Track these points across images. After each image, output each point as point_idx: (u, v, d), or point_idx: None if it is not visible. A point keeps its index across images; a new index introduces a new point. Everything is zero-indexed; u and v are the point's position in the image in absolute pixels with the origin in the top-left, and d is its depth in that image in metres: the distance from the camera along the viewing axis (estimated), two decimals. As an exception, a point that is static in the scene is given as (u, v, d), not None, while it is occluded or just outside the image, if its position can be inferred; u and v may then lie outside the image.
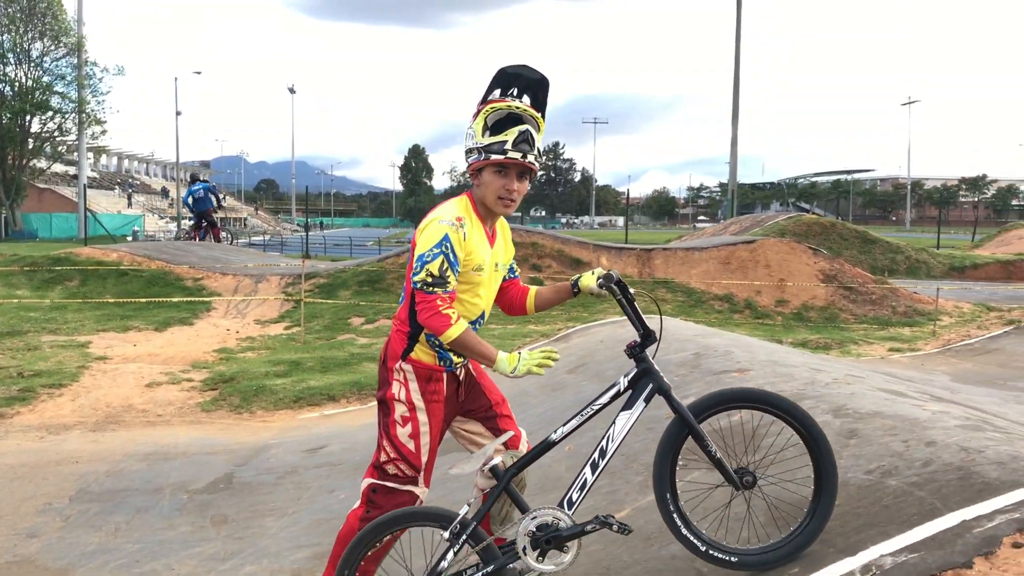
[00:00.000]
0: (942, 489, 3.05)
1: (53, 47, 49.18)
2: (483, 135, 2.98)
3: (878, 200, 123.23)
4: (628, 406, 2.93)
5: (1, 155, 46.65)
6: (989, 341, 8.50)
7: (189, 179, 24.07)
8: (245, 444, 6.76)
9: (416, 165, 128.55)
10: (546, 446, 2.95)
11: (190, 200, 20.49)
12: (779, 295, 13.37)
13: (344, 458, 6.03)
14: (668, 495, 2.93)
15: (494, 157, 2.94)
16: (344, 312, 13.02)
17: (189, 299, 13.58)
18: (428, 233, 2.95)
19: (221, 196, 23.38)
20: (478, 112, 3.00)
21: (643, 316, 3.02)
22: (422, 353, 3.05)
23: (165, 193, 78.37)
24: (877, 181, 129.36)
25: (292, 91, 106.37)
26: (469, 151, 3.04)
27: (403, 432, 3.05)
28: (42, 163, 53.19)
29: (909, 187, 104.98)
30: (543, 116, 3.02)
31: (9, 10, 47.10)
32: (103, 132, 51.99)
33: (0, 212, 48.16)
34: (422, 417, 3.02)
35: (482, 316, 3.18)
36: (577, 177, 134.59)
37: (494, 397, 3.27)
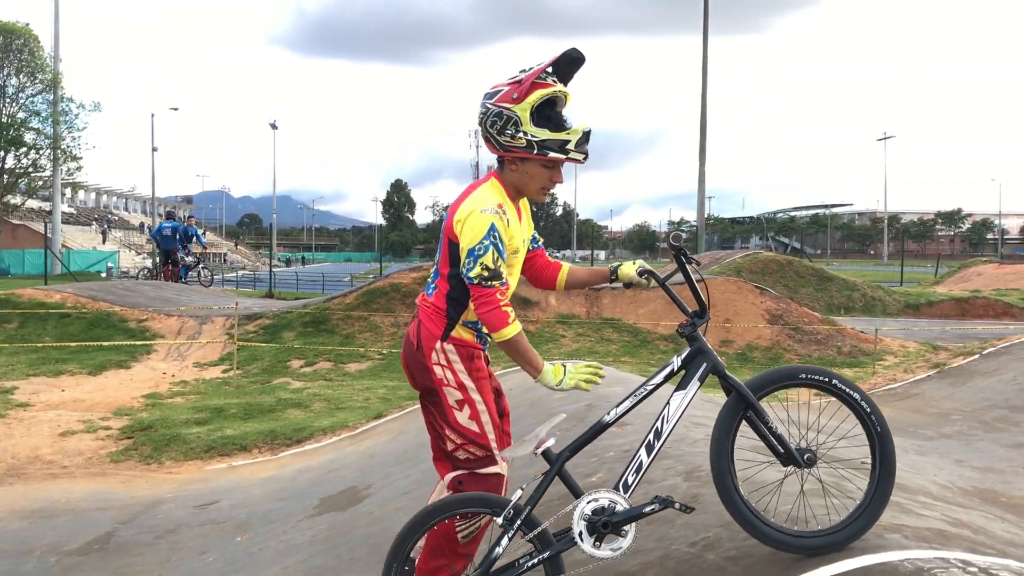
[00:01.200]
0: (754, 566, 2.95)
1: (29, 83, 49.18)
2: (531, 123, 2.86)
3: (856, 234, 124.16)
4: (682, 386, 2.87)
5: (-27, 192, 46.36)
6: (911, 386, 8.45)
7: (165, 215, 24.07)
8: (139, 499, 6.58)
9: (398, 200, 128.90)
10: (600, 427, 2.88)
11: (158, 237, 20.79)
12: (724, 335, 13.32)
13: (229, 515, 5.87)
14: (728, 475, 2.82)
15: (553, 155, 2.88)
16: (285, 354, 12.87)
17: (130, 342, 13.39)
18: (472, 224, 2.83)
19: (201, 233, 23.29)
20: (523, 94, 2.85)
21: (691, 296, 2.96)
22: (462, 331, 2.97)
23: (143, 228, 78.03)
24: (855, 215, 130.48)
25: (274, 127, 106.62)
26: (512, 136, 2.88)
27: (463, 416, 2.96)
28: (16, 199, 52.93)
29: (886, 221, 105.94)
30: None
31: (-15, 47, 47.06)
32: (79, 168, 51.75)
33: (-28, 249, 47.82)
34: (476, 396, 2.94)
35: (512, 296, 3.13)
36: (559, 211, 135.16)
37: (505, 406, 3.19)
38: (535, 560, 2.74)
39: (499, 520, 2.71)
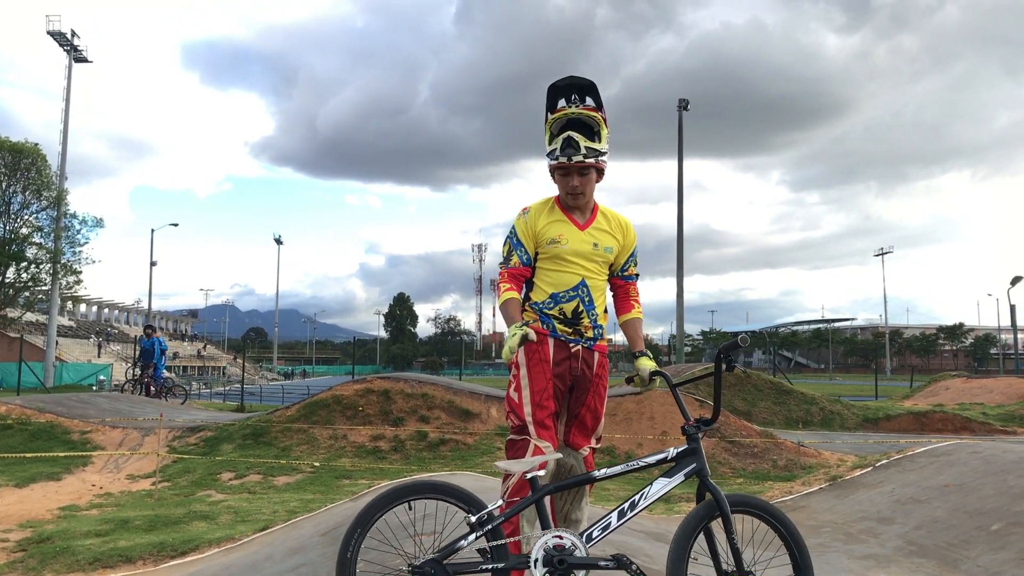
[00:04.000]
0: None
1: (34, 200, 50.51)
2: (550, 143, 3.60)
3: (859, 349, 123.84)
4: (668, 475, 3.18)
5: (-28, 305, 47.02)
6: (801, 498, 8.40)
7: (146, 332, 24.78)
8: (-3, 611, 6.57)
9: (401, 313, 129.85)
10: (587, 479, 3.27)
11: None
12: (660, 447, 13.26)
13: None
14: (683, 566, 2.98)
15: (550, 163, 3.60)
16: (217, 467, 12.87)
17: (67, 454, 13.43)
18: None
19: (163, 350, 23.88)
20: (545, 124, 3.62)
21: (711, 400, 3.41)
22: (528, 316, 3.65)
23: (139, 342, 78.63)
24: (858, 330, 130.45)
25: (279, 242, 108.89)
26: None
27: (511, 388, 3.61)
28: (14, 313, 53.61)
29: (887, 337, 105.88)
30: (603, 112, 3.59)
31: (-7, 165, 48.53)
32: (78, 282, 52.69)
33: (-34, 361, 48.09)
34: (522, 372, 3.52)
35: (582, 288, 3.63)
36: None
37: (586, 409, 3.63)
38: (488, 567, 2.95)
39: (472, 519, 2.96)
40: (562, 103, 3.57)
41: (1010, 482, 6.81)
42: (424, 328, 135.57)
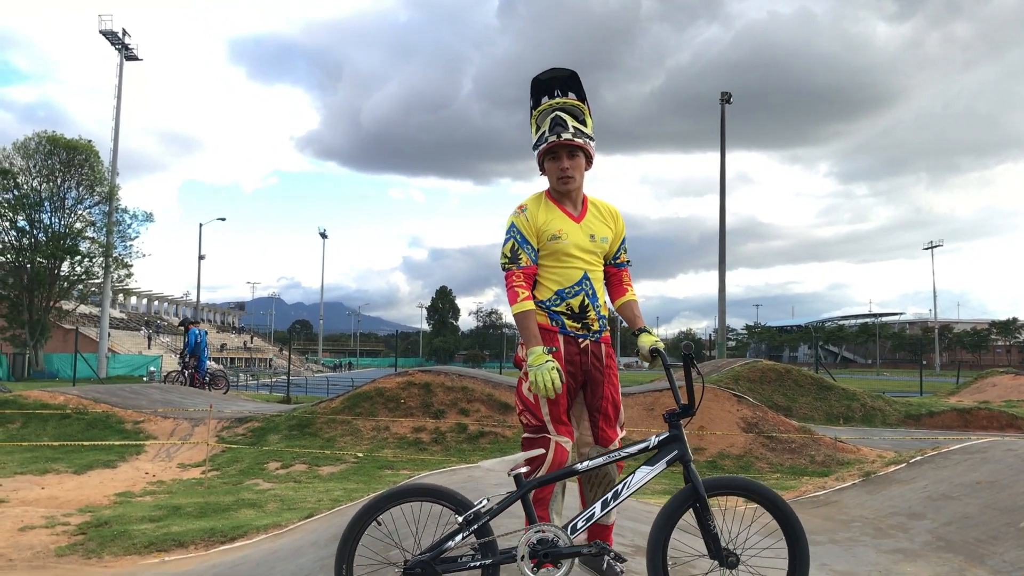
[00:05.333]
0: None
1: (87, 195, 51.89)
2: (536, 133, 3.64)
3: (907, 344, 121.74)
4: (651, 463, 3.24)
5: (29, 297, 48.45)
6: (834, 493, 8.49)
7: (185, 324, 25.35)
8: (61, 590, 6.96)
9: (443, 306, 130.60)
10: (569, 472, 3.33)
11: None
12: (697, 442, 13.38)
13: (127, 605, 6.20)
14: (661, 549, 3.12)
15: (539, 149, 3.58)
16: (265, 457, 13.28)
17: (122, 442, 13.95)
18: (504, 227, 3.68)
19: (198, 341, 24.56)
20: (530, 118, 3.66)
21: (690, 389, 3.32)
22: (537, 316, 3.57)
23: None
24: (906, 325, 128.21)
25: (324, 236, 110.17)
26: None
27: (524, 387, 3.59)
28: (69, 305, 55.14)
29: (937, 331, 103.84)
30: (587, 104, 3.62)
31: (49, 162, 49.95)
32: (129, 275, 54.13)
33: (24, 352, 49.61)
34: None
35: (585, 281, 3.63)
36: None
37: (606, 401, 3.64)
38: (477, 563, 3.11)
39: (459, 519, 3.11)
40: (545, 99, 3.59)
41: (1042, 479, 6.84)
42: (466, 321, 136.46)
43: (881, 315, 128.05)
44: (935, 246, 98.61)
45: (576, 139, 3.53)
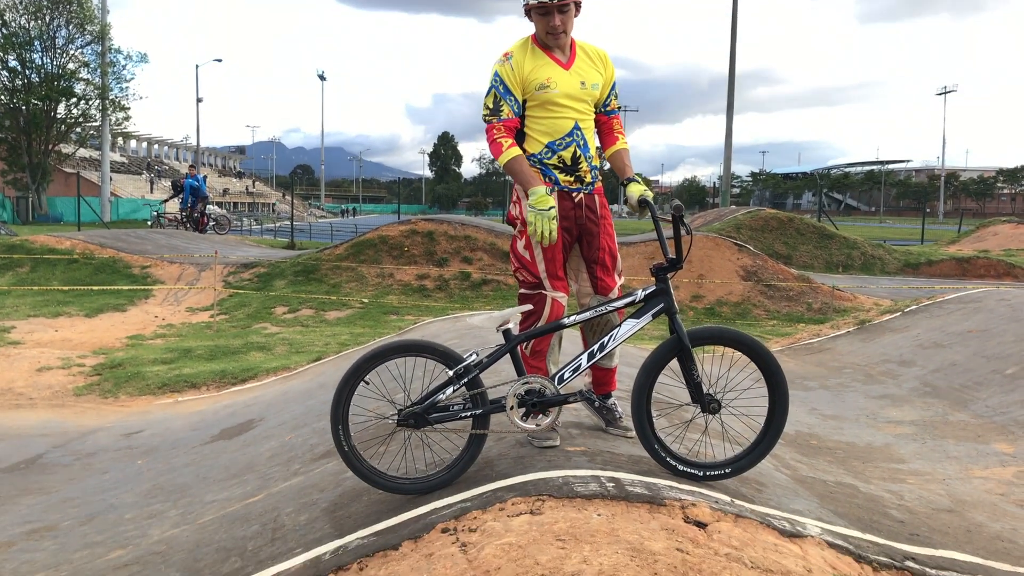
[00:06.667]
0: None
1: (78, 34, 50.37)
2: None
3: (912, 192, 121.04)
4: (637, 315, 3.31)
5: (27, 140, 47.96)
6: (828, 341, 8.69)
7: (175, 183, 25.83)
8: (81, 428, 7.26)
9: (445, 152, 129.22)
10: (557, 327, 3.41)
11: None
12: (696, 290, 13.59)
13: (145, 442, 6.49)
14: (645, 393, 3.21)
15: (527, 3, 3.43)
16: (271, 301, 13.53)
17: (130, 287, 14.18)
18: (488, 76, 3.53)
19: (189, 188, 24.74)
20: None
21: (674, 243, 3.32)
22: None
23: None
24: (912, 172, 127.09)
25: (322, 78, 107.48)
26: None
27: (520, 244, 3.60)
28: (68, 148, 54.66)
29: (943, 179, 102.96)
30: None
31: (36, -2, 48.19)
32: (127, 118, 53.21)
33: (27, 196, 49.62)
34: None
35: (576, 132, 3.53)
36: (607, 166, 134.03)
37: (603, 251, 3.63)
38: (468, 413, 3.24)
39: (449, 372, 3.22)
40: None
41: (1032, 329, 6.99)
42: (469, 168, 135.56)
43: (887, 162, 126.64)
44: (948, 92, 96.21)
45: None
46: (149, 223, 28.74)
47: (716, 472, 3.27)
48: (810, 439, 5.32)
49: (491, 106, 3.46)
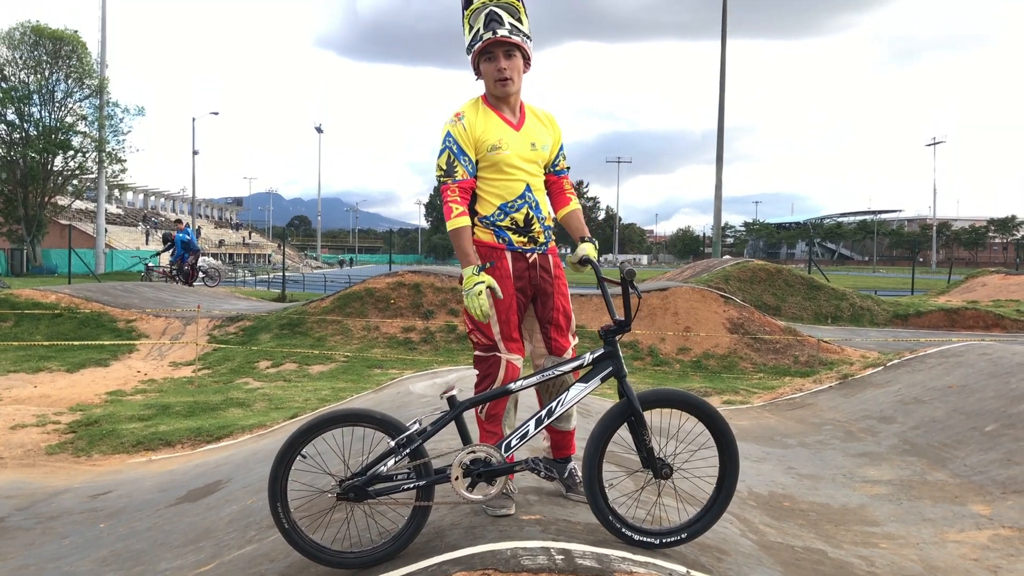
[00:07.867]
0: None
1: (77, 88, 50.95)
2: (469, 33, 3.44)
3: (905, 241, 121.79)
4: (585, 379, 3.23)
5: (24, 193, 48.17)
6: (810, 396, 8.61)
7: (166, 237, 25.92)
8: (48, 489, 7.12)
9: (441, 203, 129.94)
10: (503, 392, 3.32)
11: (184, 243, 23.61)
12: (683, 343, 13.52)
13: (111, 504, 6.36)
14: (596, 460, 3.12)
15: (474, 49, 3.39)
16: (255, 356, 13.44)
17: (114, 341, 14.09)
18: (440, 136, 3.48)
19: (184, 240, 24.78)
20: (463, 19, 3.45)
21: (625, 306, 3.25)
22: (481, 233, 3.48)
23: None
24: (904, 222, 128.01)
25: (319, 130, 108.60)
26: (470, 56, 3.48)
27: None
28: (64, 200, 54.91)
29: (935, 228, 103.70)
30: (522, 1, 3.41)
31: (35, 53, 48.82)
32: (123, 170, 53.57)
33: (22, 248, 49.68)
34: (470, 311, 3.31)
35: (528, 193, 3.50)
36: (601, 215, 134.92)
37: (557, 312, 3.57)
38: (411, 484, 3.13)
39: (391, 443, 3.10)
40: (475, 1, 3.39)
41: (1011, 384, 6.93)
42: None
43: (879, 212, 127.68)
44: (937, 143, 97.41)
45: (513, 36, 3.35)
46: (141, 275, 28.71)
47: (672, 539, 3.19)
48: (783, 500, 5.22)
49: (444, 167, 3.42)
